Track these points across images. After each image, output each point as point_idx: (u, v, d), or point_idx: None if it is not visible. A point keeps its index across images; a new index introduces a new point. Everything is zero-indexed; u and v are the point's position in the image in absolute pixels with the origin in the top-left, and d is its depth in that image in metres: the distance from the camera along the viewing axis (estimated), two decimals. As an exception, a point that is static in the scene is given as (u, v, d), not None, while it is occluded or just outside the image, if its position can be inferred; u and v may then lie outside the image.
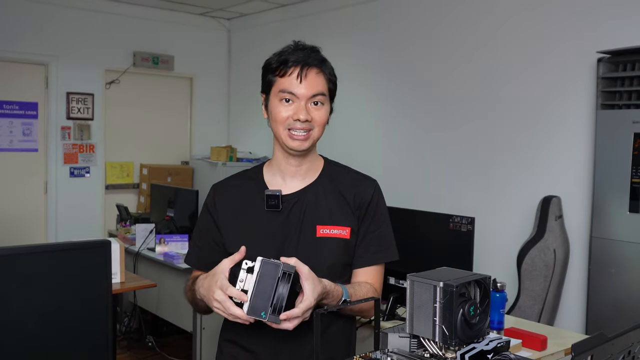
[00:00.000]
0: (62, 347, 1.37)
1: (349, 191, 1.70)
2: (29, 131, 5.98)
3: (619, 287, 3.43)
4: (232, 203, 1.72)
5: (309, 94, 1.60)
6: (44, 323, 1.34)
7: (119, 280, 3.37)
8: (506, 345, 1.26)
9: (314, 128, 1.63)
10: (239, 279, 1.43)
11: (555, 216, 3.85)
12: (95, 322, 1.41)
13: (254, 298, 1.38)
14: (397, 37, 5.23)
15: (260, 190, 1.68)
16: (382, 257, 1.70)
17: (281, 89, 1.61)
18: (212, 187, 1.80)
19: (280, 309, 1.38)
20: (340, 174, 1.75)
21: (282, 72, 1.61)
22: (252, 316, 1.38)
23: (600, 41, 3.71)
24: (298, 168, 1.70)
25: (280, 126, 1.63)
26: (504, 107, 4.41)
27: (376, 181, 1.76)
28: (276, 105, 1.63)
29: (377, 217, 1.71)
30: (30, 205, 6.03)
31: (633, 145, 3.36)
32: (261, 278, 1.38)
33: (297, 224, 1.65)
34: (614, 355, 0.92)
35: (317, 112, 1.62)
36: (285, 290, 1.39)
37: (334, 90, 1.68)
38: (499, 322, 2.33)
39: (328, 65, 1.67)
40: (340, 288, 1.55)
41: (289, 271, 1.39)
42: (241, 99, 7.12)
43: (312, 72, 1.61)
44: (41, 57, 5.95)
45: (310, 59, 1.61)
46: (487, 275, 1.31)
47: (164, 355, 4.58)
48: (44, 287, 1.34)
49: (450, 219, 2.67)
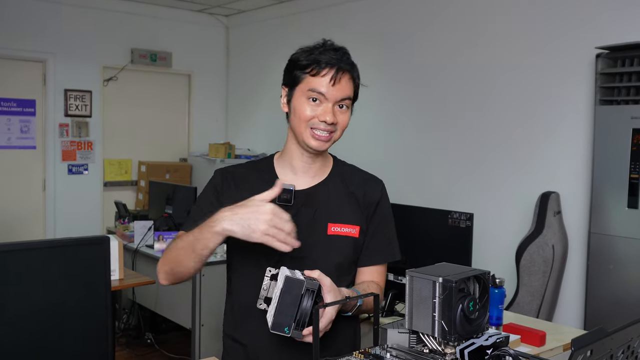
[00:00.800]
0: (61, 344, 1.37)
1: (359, 190, 1.71)
2: (26, 128, 5.97)
3: (617, 283, 3.43)
4: (240, 191, 1.65)
5: (338, 97, 1.59)
6: (43, 319, 1.34)
7: (117, 277, 3.37)
8: (505, 341, 1.26)
9: (336, 130, 1.62)
10: (263, 286, 1.43)
11: (553, 212, 3.85)
12: (95, 318, 1.41)
13: (277, 314, 1.37)
14: (395, 33, 5.22)
15: (270, 182, 1.59)
16: (387, 257, 1.73)
17: (311, 87, 1.59)
18: (218, 170, 1.74)
19: (303, 324, 1.38)
20: (350, 173, 1.75)
21: (315, 71, 1.59)
22: (276, 331, 1.38)
23: (599, 37, 3.71)
24: (311, 165, 1.69)
25: (304, 124, 1.60)
26: (503, 103, 4.41)
27: (382, 182, 1.77)
28: (302, 102, 1.60)
29: (384, 218, 1.73)
30: (28, 202, 6.02)
31: (631, 140, 3.36)
32: (284, 294, 1.38)
33: (309, 220, 1.64)
34: (614, 350, 0.92)
35: (342, 115, 1.62)
36: (309, 305, 1.38)
37: (357, 94, 1.68)
38: (497, 317, 2.33)
39: (357, 69, 1.66)
40: (357, 294, 1.54)
41: (312, 288, 1.39)
42: (239, 95, 7.12)
43: (345, 76, 1.60)
44: (39, 54, 5.94)
45: (343, 63, 1.60)
46: (486, 271, 1.31)
47: (163, 352, 4.58)
48: (43, 283, 1.33)
49: (449, 215, 2.67)
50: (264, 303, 1.43)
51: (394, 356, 1.25)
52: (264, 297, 1.42)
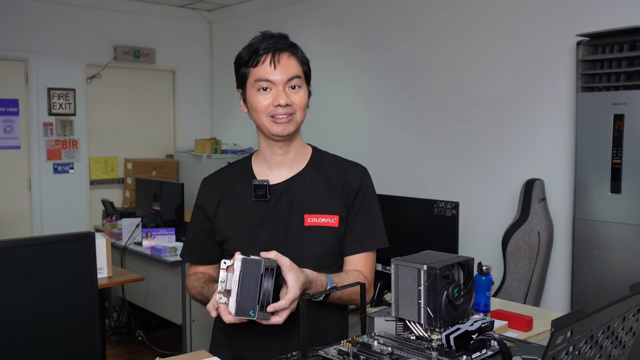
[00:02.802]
0: (49, 344, 1.36)
1: (338, 179, 1.70)
2: (10, 128, 5.92)
3: (602, 267, 3.48)
4: (221, 195, 1.72)
5: (285, 78, 1.60)
6: (30, 318, 1.34)
7: (106, 275, 3.36)
8: (490, 325, 1.28)
9: (295, 112, 1.63)
10: (220, 279, 1.42)
11: (538, 199, 3.89)
12: (83, 316, 1.41)
13: (239, 298, 1.37)
14: (380, 24, 5.23)
15: (249, 181, 1.68)
16: (371, 245, 1.70)
17: (257, 78, 1.61)
18: (202, 181, 1.82)
19: (267, 304, 1.37)
20: (329, 162, 1.74)
21: (255, 61, 1.61)
22: (241, 316, 1.37)
23: (580, 24, 3.74)
24: (284, 157, 1.70)
25: (262, 115, 1.63)
26: (486, 92, 4.44)
27: (365, 168, 1.76)
28: (254, 95, 1.63)
29: (365, 204, 1.70)
30: (14, 203, 5.98)
31: (613, 126, 3.39)
32: (244, 277, 1.37)
33: (285, 213, 1.65)
34: (594, 331, 0.94)
35: (296, 95, 1.63)
36: (270, 285, 1.38)
37: (309, 72, 1.68)
38: (485, 304, 2.36)
39: (299, 48, 1.67)
40: (325, 277, 1.54)
41: (271, 266, 1.38)
42: (224, 90, 7.09)
43: (284, 56, 1.61)
44: (20, 52, 5.89)
45: (280, 44, 1.62)
46: (470, 257, 1.32)
47: (154, 348, 4.58)
48: (29, 281, 1.33)
49: (435, 204, 2.69)
50: (224, 297, 1.42)
51: (381, 344, 1.26)
52: (223, 290, 1.41)
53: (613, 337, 1.01)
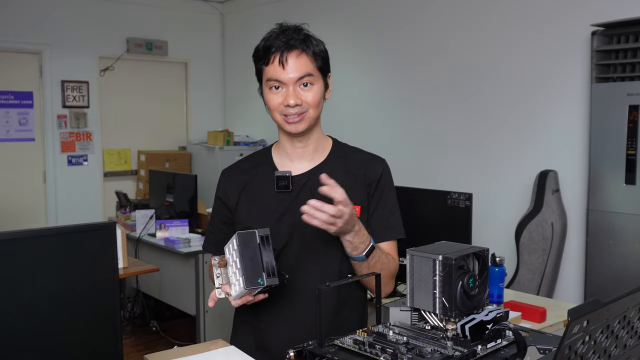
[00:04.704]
0: (71, 331, 1.39)
1: (359, 170, 1.71)
2: (25, 121, 5.98)
3: (616, 258, 3.46)
4: (242, 186, 1.73)
5: (294, 78, 1.59)
6: (53, 306, 1.36)
7: (121, 266, 3.40)
8: (505, 316, 1.28)
9: (307, 110, 1.62)
10: (215, 275, 1.48)
11: (552, 190, 3.88)
12: (103, 304, 1.43)
13: (245, 270, 1.40)
14: (392, 14, 5.21)
15: (270, 172, 1.69)
16: (389, 235, 1.70)
17: (268, 77, 1.62)
18: (221, 172, 1.82)
19: (273, 270, 1.41)
20: (349, 154, 1.75)
21: (267, 60, 1.61)
22: (251, 286, 1.40)
23: (594, 14, 3.71)
24: (304, 149, 1.71)
25: (275, 113, 1.64)
26: (500, 82, 4.42)
27: (385, 160, 1.76)
28: (267, 93, 1.64)
29: (385, 195, 1.71)
30: (29, 194, 6.04)
31: (628, 117, 3.37)
32: (243, 249, 1.41)
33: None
34: (610, 320, 0.94)
35: (308, 92, 1.62)
36: (270, 252, 1.41)
37: (325, 66, 1.66)
38: (498, 296, 2.36)
39: (312, 42, 1.63)
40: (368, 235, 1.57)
41: (265, 234, 1.43)
42: (237, 82, 7.11)
43: (293, 55, 1.59)
44: (34, 45, 5.93)
45: (292, 41, 1.59)
46: (485, 248, 1.33)
47: (168, 339, 4.62)
48: (51, 270, 1.35)
49: (448, 196, 2.69)
50: (223, 292, 1.48)
51: (397, 333, 1.27)
52: (220, 285, 1.48)
53: (629, 327, 1.01)
